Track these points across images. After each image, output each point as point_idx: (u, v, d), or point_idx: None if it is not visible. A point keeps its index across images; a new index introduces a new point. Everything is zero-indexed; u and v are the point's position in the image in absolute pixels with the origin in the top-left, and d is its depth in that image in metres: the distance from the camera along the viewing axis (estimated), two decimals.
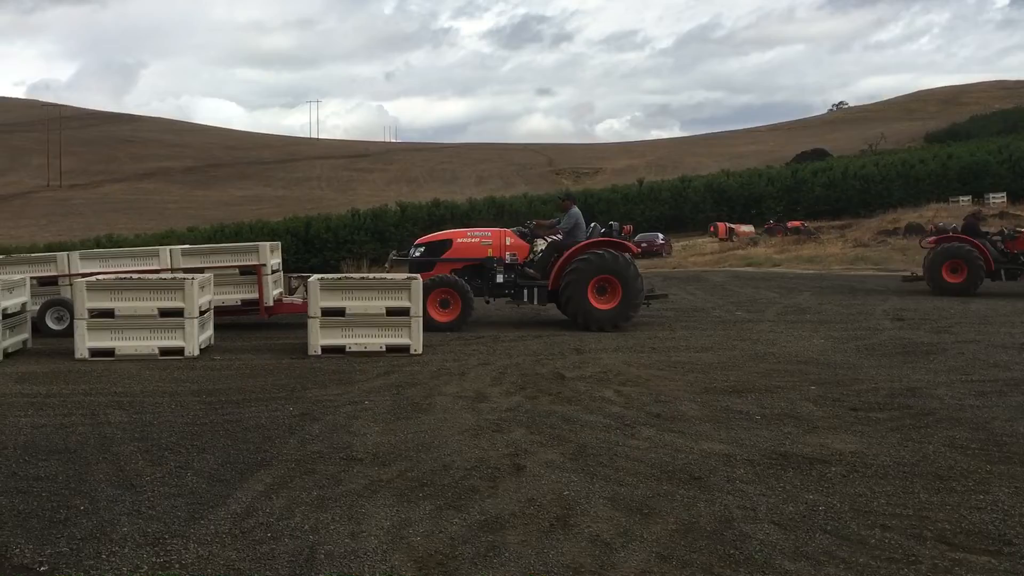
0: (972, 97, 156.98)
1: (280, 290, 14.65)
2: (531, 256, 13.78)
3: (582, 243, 13.36)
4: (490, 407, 7.89)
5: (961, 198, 56.14)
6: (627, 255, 13.39)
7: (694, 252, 43.36)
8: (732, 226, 50.77)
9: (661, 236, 46.51)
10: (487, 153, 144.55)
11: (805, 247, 37.38)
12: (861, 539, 4.65)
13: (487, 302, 13.89)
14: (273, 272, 14.07)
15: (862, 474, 5.78)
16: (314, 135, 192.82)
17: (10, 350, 11.07)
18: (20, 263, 14.00)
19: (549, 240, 13.82)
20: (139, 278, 11.65)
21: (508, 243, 13.60)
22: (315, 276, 11.64)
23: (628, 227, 13.82)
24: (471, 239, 13.75)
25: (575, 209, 13.88)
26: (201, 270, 13.47)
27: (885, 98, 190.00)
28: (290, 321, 14.33)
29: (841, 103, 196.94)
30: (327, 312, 11.04)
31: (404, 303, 11.10)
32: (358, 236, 52.73)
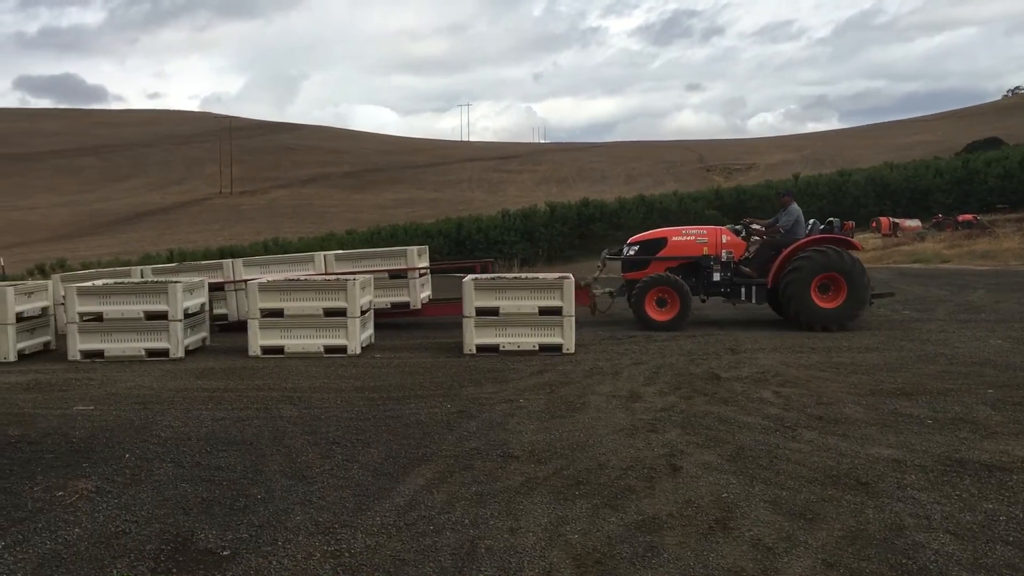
0: None
1: (428, 292, 15.07)
2: (747, 254, 13.58)
3: (803, 240, 13.06)
4: (644, 407, 7.84)
5: None
6: (852, 253, 12.98)
7: None
8: (896, 221, 48.34)
9: None
10: (636, 151, 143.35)
11: (978, 242, 35.16)
12: None
13: (702, 300, 13.71)
14: (421, 275, 14.49)
15: None
16: (464, 138, 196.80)
17: (191, 348, 11.85)
18: (190, 270, 14.97)
19: (765, 238, 13.59)
20: (306, 280, 12.22)
21: (724, 241, 13.40)
22: (469, 276, 11.89)
23: (850, 223, 13.53)
24: (686, 237, 13.59)
25: (795, 205, 13.60)
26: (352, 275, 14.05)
27: None
28: (447, 322, 14.72)
29: (1017, 88, 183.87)
30: (481, 312, 11.26)
31: (556, 302, 11.18)
32: (508, 236, 53.41)
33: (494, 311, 11.26)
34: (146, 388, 9.33)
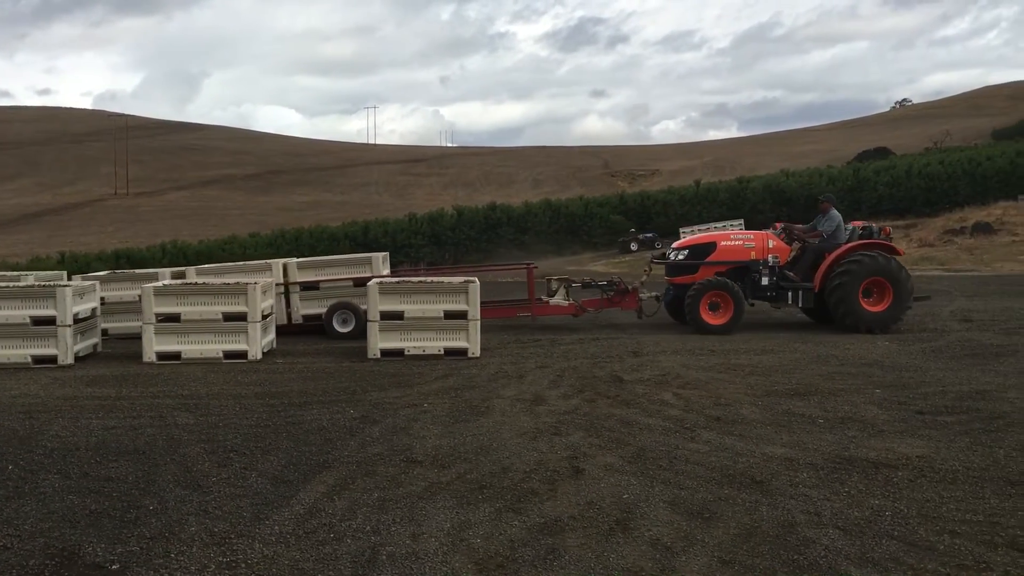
0: None
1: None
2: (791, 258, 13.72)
3: (850, 245, 13.27)
4: (548, 410, 7.90)
5: None
6: (897, 258, 13.25)
7: None
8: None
9: None
10: (543, 156, 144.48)
11: None
12: (929, 545, 4.55)
13: (750, 304, 13.73)
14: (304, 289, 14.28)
15: (930, 479, 5.66)
16: (371, 141, 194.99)
17: (81, 354, 11.40)
18: (134, 279, 14.25)
19: (808, 242, 13.69)
20: (203, 284, 11.90)
21: (770, 246, 13.53)
22: (374, 280, 11.77)
23: (887, 229, 14.13)
24: (735, 242, 13.73)
25: (835, 210, 13.75)
26: (317, 284, 13.75)
27: (950, 95, 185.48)
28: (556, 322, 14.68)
29: (904, 100, 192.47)
30: (386, 316, 11.15)
31: (462, 306, 11.17)
32: (415, 240, 53.16)
33: (399, 315, 11.17)
34: (32, 396, 8.92)
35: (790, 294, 13.25)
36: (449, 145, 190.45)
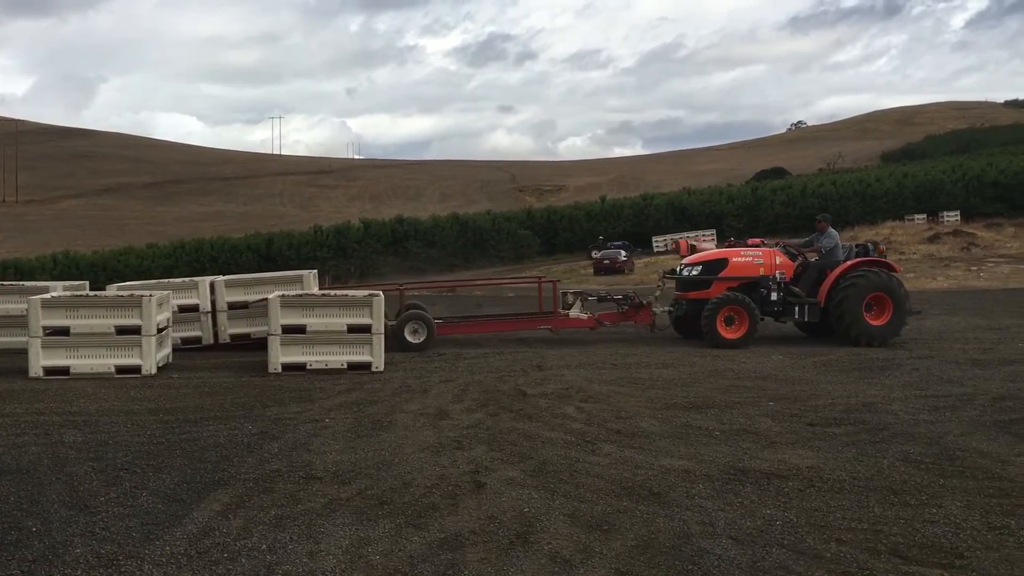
0: (927, 117, 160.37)
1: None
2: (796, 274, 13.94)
3: (852, 262, 13.61)
4: (451, 424, 7.88)
5: (916, 216, 57.23)
6: (895, 274, 13.64)
7: (655, 268, 43.63)
8: (694, 243, 51.20)
9: (624, 253, 46.78)
10: (451, 170, 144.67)
11: None
12: (817, 553, 4.70)
13: (761, 319, 13.74)
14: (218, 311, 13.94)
15: (818, 488, 5.85)
16: (276, 151, 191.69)
17: None
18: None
19: (814, 259, 14.00)
20: (95, 295, 11.48)
21: (778, 262, 13.77)
22: (276, 293, 11.55)
23: (881, 247, 14.55)
24: (745, 258, 13.93)
25: (832, 229, 14.14)
26: (245, 304, 13.31)
27: (843, 118, 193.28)
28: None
29: (800, 122, 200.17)
30: (288, 329, 10.96)
31: (366, 320, 11.06)
32: (321, 252, 52.48)
33: (301, 329, 10.99)
34: None
35: (796, 309, 13.53)
36: (356, 157, 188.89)
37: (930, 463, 6.45)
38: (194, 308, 13.56)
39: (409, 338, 13.20)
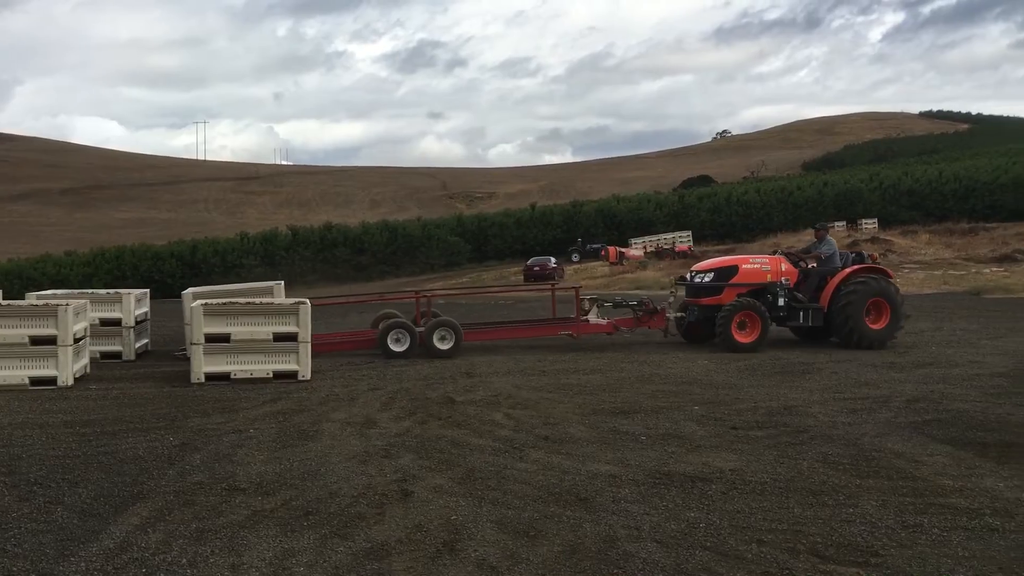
0: (846, 127, 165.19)
1: (146, 341, 14.23)
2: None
3: (852, 268, 14.04)
4: (379, 433, 7.82)
5: (836, 223, 58.82)
6: (892, 280, 14.10)
7: (585, 276, 44.01)
8: (622, 250, 51.82)
9: (553, 260, 47.04)
10: (380, 177, 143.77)
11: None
12: (738, 554, 4.79)
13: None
14: (138, 323, 13.61)
15: (741, 491, 5.96)
16: (201, 157, 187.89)
17: None
18: None
19: (814, 265, 14.32)
20: (8, 305, 11.09)
21: (783, 269, 14.10)
22: (198, 301, 11.31)
23: (875, 255, 14.99)
24: (754, 265, 14.26)
25: (830, 237, 14.67)
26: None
27: (766, 127, 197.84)
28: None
29: (725, 131, 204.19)
30: (211, 338, 10.74)
31: (292, 328, 10.91)
32: (247, 260, 51.58)
33: (226, 337, 10.78)
34: None
35: (801, 314, 13.88)
36: (284, 163, 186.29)
37: (847, 464, 6.62)
38: (116, 322, 13.23)
39: (438, 344, 13.25)
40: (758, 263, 14.35)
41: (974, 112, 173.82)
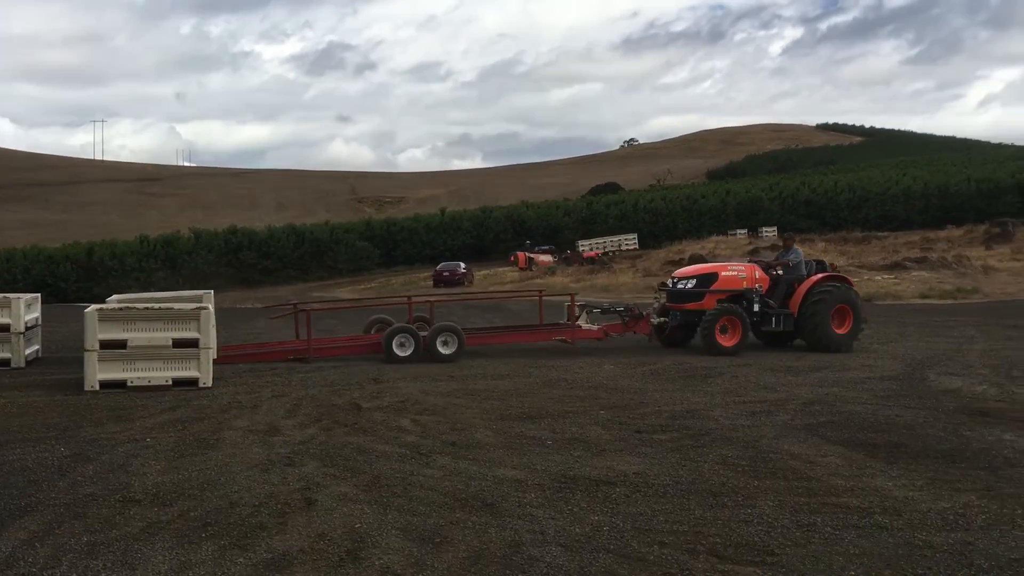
0: (748, 138, 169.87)
1: (37, 347, 13.65)
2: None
3: (818, 276, 14.68)
4: (282, 440, 7.67)
5: (738, 231, 60.52)
6: (852, 287, 14.92)
7: (495, 281, 44.18)
8: (532, 255, 52.15)
9: (463, 265, 47.02)
10: (288, 180, 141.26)
11: (600, 276, 38.99)
12: (641, 556, 4.86)
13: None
14: (29, 329, 13.05)
15: (644, 494, 6.06)
16: (99, 156, 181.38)
17: None
18: None
19: (781, 272, 14.84)
20: None
21: (757, 276, 14.58)
22: (92, 306, 10.91)
23: (835, 263, 15.66)
24: (732, 272, 14.73)
25: (796, 246, 15.45)
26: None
27: (672, 136, 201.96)
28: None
29: (632, 140, 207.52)
30: (106, 345, 10.36)
31: (192, 334, 10.61)
32: (147, 264, 49.99)
33: (122, 344, 10.42)
34: None
35: (773, 319, 14.38)
36: (187, 164, 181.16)
37: (746, 465, 6.80)
38: (5, 328, 12.65)
39: (441, 349, 13.30)
40: (735, 270, 14.88)
41: (868, 125, 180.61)
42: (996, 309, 22.95)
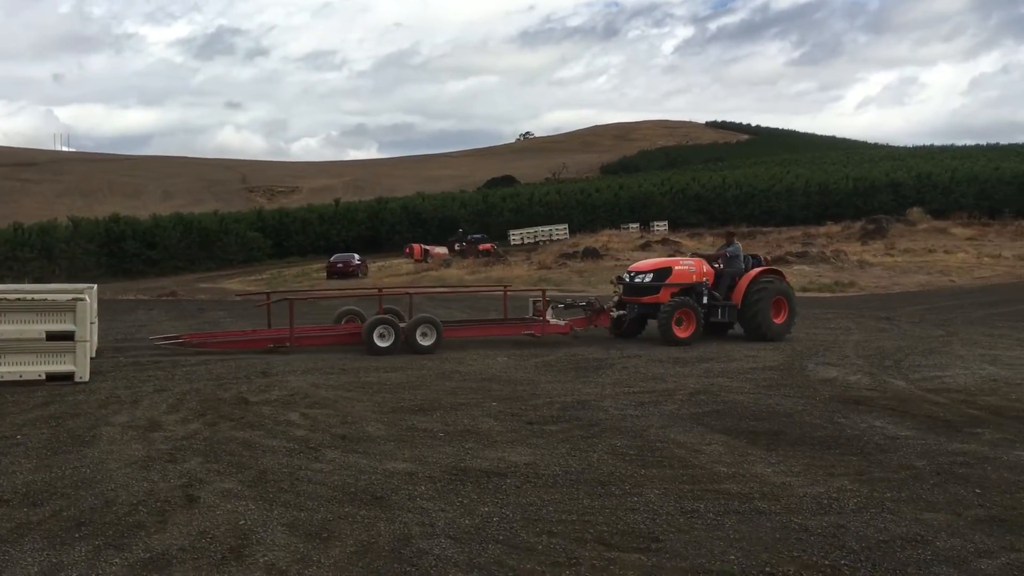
0: (641, 134, 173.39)
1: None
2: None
3: (758, 270, 15.42)
4: (164, 436, 7.42)
5: (631, 225, 61.71)
6: (786, 280, 15.83)
7: (390, 273, 43.81)
8: (427, 247, 51.93)
9: (357, 257, 46.42)
10: (175, 167, 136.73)
11: (495, 268, 39.12)
12: (529, 546, 4.90)
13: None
14: None
15: (534, 484, 6.11)
16: None
17: None
18: None
19: (722, 266, 15.42)
20: None
21: (705, 270, 15.19)
22: None
23: (767, 257, 17.44)
24: (683, 267, 15.26)
25: (736, 241, 16.06)
26: None
27: (567, 130, 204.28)
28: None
29: (528, 133, 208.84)
30: None
31: (68, 326, 10.14)
32: (21, 253, 47.56)
33: None
34: None
35: (719, 311, 15.01)
36: (65, 149, 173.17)
37: (634, 455, 6.94)
38: None
39: (421, 341, 13.35)
40: (686, 265, 15.46)
41: (754, 124, 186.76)
42: (870, 302, 24.09)
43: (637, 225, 61.38)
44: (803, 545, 4.93)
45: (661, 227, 60.43)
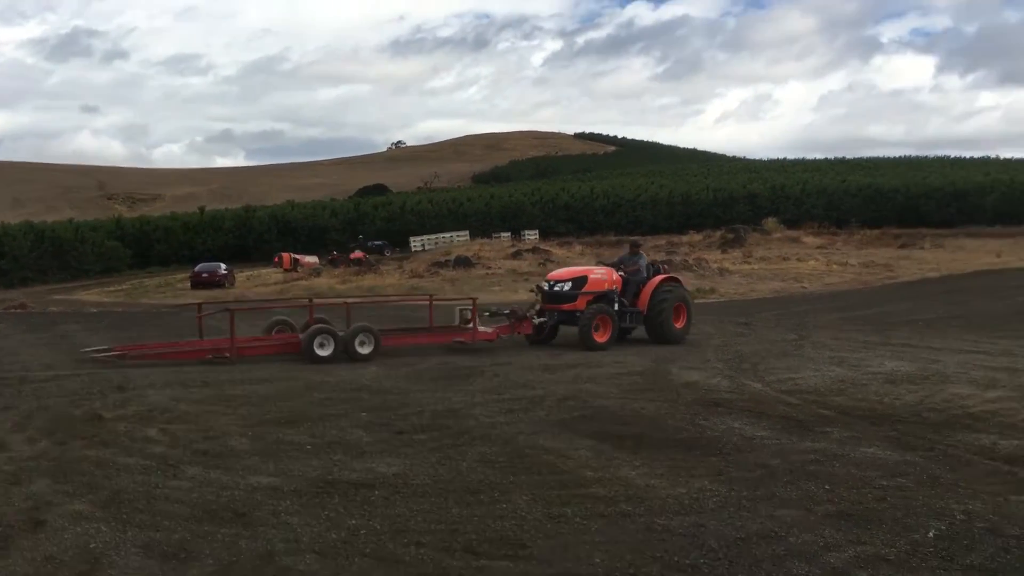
0: (511, 144, 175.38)
1: None
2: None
3: (660, 277, 16.06)
4: (8, 457, 6.98)
5: (502, 233, 62.27)
6: (684, 287, 16.70)
7: (259, 283, 42.68)
8: (297, 256, 50.89)
9: (224, 266, 44.98)
10: (26, 173, 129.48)
11: (366, 278, 38.71)
12: (397, 558, 4.85)
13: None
14: None
15: (403, 495, 6.05)
16: None
17: None
18: None
19: (627, 275, 15.87)
20: None
21: (614, 278, 15.61)
22: None
23: (666, 266, 18.96)
24: (597, 275, 15.66)
25: (642, 252, 16.92)
26: None
27: (439, 140, 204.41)
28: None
29: (400, 142, 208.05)
30: None
31: None
32: None
33: None
34: None
35: (628, 316, 15.54)
36: None
37: (504, 462, 6.97)
38: None
39: (359, 349, 13.43)
40: (599, 273, 15.84)
41: (620, 136, 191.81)
42: (729, 307, 25.04)
43: (509, 234, 62.00)
44: (666, 545, 5.07)
45: (532, 235, 61.23)
